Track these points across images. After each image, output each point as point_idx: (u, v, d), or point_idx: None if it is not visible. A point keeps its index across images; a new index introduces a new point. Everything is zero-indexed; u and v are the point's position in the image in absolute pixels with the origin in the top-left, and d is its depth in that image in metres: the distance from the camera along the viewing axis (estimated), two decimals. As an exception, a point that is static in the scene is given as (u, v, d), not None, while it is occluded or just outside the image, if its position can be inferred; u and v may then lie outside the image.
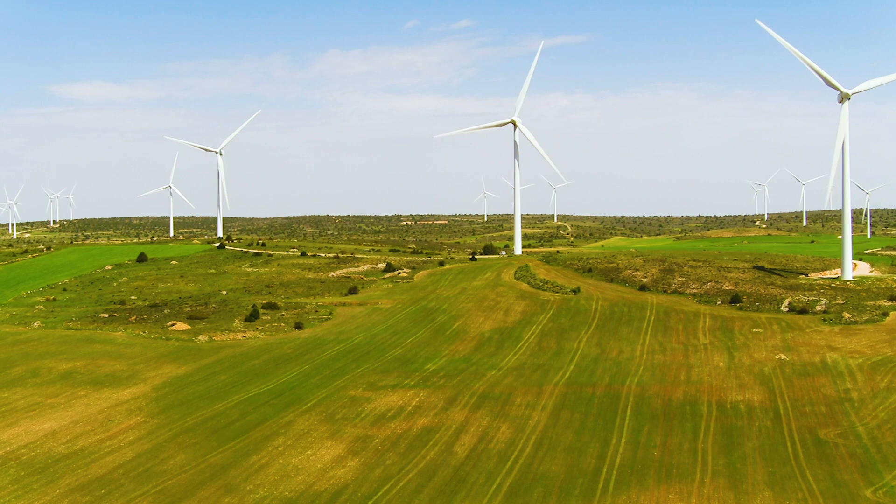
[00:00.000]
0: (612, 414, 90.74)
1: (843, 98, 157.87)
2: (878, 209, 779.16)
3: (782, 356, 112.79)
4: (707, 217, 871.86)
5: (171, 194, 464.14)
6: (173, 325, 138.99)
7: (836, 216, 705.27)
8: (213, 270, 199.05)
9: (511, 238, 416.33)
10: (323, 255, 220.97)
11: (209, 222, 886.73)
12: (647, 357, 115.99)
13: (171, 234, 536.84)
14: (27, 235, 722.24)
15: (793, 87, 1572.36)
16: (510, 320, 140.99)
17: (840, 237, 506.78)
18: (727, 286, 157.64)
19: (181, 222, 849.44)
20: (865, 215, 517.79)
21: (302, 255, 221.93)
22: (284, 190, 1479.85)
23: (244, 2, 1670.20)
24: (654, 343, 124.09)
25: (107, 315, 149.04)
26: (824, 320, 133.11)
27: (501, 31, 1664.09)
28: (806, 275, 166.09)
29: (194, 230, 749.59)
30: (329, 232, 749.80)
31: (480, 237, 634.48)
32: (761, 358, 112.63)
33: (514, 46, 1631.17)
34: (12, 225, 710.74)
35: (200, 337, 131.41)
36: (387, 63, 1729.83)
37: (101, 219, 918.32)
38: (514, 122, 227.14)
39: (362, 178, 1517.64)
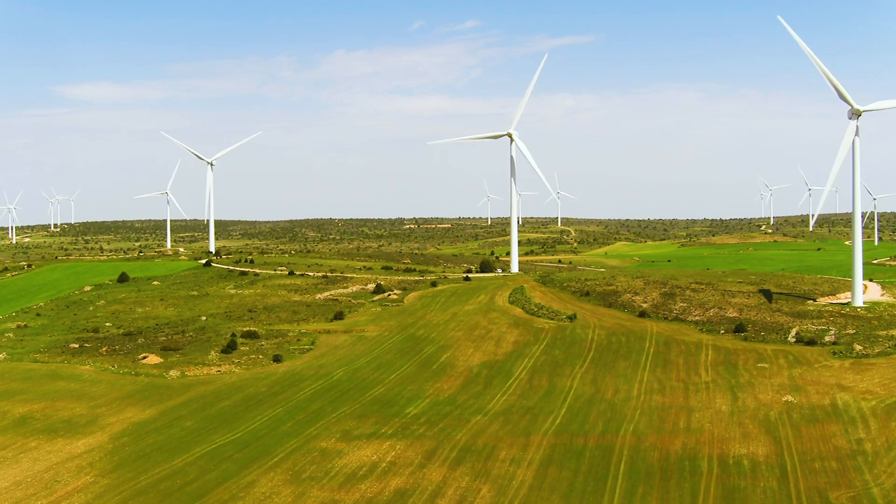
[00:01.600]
0: (604, 471, 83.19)
1: (854, 114, 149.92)
2: (885, 213, 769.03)
3: (789, 398, 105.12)
4: (712, 220, 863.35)
5: (167, 202, 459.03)
6: (145, 357, 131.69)
7: (843, 220, 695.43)
8: (195, 292, 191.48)
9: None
10: (312, 273, 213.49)
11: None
12: (645, 398, 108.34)
13: (169, 241, 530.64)
14: (27, 240, 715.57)
15: (798, 86, 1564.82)
16: (501, 352, 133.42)
17: (848, 243, 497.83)
18: (731, 313, 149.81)
19: (183, 226, 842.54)
20: (873, 219, 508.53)
21: (290, 273, 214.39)
22: (289, 191, 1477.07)
23: (249, 3, 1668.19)
24: (653, 380, 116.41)
25: (77, 345, 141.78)
26: (834, 353, 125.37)
27: (507, 32, 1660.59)
28: (814, 299, 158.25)
29: (195, 234, 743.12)
30: (331, 236, 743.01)
31: (483, 242, 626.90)
32: (767, 400, 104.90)
33: (520, 47, 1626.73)
34: (12, 229, 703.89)
35: (172, 372, 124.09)
36: (392, 64, 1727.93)
37: (103, 222, 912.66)
38: (510, 135, 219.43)
39: (367, 179, 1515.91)
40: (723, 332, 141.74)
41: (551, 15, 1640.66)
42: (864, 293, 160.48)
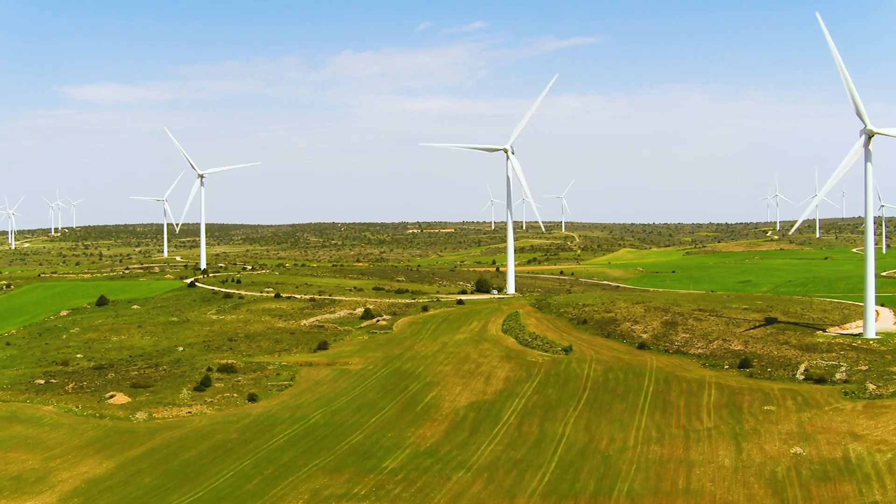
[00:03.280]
0: (595, 545, 75.35)
1: (870, 135, 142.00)
2: (893, 217, 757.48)
3: (798, 449, 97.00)
4: (718, 224, 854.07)
5: (164, 210, 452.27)
6: (112, 396, 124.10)
7: (850, 226, 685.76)
8: (174, 318, 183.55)
9: (516, 251, 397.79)
10: (299, 296, 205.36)
11: (213, 229, 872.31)
12: (642, 448, 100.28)
13: (166, 250, 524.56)
14: (27, 245, 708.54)
15: (806, 88, 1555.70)
16: (490, 391, 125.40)
17: (855, 251, 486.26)
18: (736, 345, 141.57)
19: (185, 230, 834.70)
20: (880, 226, 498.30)
21: (276, 296, 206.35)
22: (293, 193, 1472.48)
23: (256, 4, 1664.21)
24: (651, 426, 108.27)
25: (43, 381, 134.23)
26: (845, 393, 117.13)
27: (514, 33, 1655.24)
28: (824, 329, 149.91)
29: (197, 239, 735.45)
30: (333, 241, 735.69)
31: (486, 248, 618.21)
32: (774, 452, 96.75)
33: (527, 48, 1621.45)
34: (11, 233, 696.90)
35: (139, 414, 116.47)
36: (399, 64, 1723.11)
37: (105, 226, 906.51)
38: (506, 151, 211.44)
39: (372, 180, 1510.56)
40: (727, 367, 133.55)
41: (558, 16, 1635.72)
42: (877, 321, 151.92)
